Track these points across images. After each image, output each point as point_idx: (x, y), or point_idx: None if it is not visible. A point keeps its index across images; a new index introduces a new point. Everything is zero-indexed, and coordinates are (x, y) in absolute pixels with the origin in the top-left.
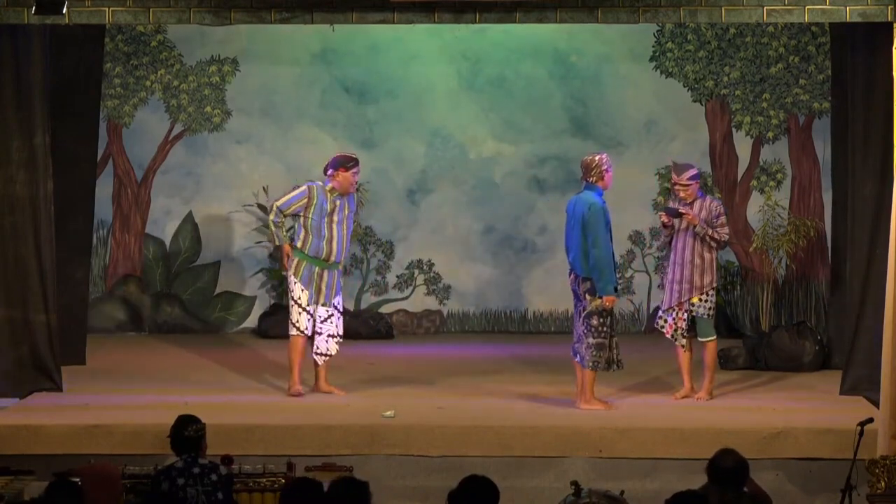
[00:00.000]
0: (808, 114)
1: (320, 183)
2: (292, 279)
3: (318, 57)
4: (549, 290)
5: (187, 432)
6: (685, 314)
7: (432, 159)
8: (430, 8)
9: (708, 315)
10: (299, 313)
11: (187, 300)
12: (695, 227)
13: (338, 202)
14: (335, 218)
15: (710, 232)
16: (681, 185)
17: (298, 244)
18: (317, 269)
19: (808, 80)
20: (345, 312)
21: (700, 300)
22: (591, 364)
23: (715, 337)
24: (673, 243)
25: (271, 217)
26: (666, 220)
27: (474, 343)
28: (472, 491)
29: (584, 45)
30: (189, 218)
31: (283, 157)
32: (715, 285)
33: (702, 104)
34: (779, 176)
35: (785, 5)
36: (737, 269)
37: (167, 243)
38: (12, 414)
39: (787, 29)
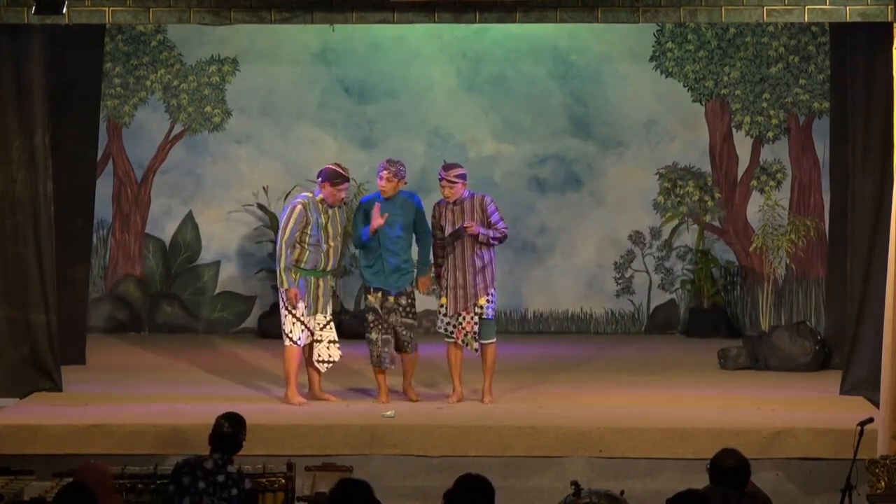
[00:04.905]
0: (808, 114)
1: (309, 195)
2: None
3: (318, 57)
4: (549, 290)
5: (241, 436)
6: (474, 317)
7: (432, 159)
8: (430, 8)
9: (491, 317)
10: (293, 323)
11: (187, 300)
12: (478, 237)
13: (330, 212)
14: (330, 231)
15: (491, 235)
16: (447, 180)
17: (294, 257)
18: (312, 278)
19: (808, 80)
20: (345, 313)
21: (487, 301)
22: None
23: (496, 339)
24: (448, 249)
25: (282, 264)
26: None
27: None
28: (468, 490)
29: (584, 45)
30: (189, 218)
31: (283, 156)
32: (496, 283)
33: (702, 104)
34: (779, 176)
35: (785, 5)
36: (737, 269)
37: (167, 243)
38: (12, 414)
39: (787, 29)
